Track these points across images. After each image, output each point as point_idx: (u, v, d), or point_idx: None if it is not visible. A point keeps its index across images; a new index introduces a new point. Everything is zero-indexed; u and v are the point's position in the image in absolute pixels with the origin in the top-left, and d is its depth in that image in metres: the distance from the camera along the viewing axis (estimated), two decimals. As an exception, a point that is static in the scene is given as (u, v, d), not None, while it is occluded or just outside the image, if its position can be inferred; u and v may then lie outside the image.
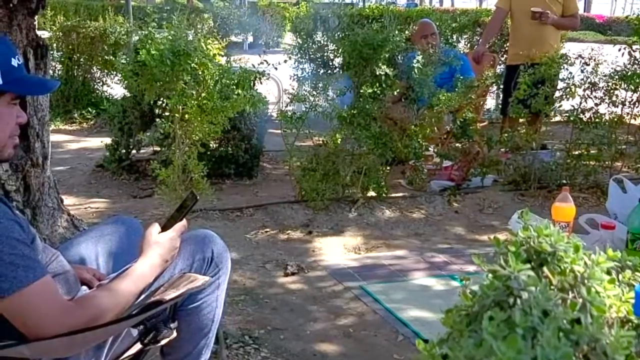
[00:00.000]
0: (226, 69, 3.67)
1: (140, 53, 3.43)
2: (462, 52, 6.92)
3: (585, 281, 0.93)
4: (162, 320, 1.62)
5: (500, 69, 6.88)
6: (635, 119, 4.92)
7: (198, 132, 3.74)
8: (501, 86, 6.87)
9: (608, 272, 1.01)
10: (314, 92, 4.18)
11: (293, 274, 3.32)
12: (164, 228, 1.76)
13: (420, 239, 3.93)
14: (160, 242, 1.72)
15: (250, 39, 16.91)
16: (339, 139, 4.17)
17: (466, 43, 7.14)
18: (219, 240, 1.86)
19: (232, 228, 3.89)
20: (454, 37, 7.13)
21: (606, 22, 24.77)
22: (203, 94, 3.66)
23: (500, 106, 6.22)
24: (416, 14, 7.14)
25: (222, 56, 4.14)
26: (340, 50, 4.13)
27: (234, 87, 3.77)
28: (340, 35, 4.88)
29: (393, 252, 3.70)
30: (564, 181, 4.63)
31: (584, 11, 29.67)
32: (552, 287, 0.93)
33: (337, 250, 3.72)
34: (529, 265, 0.93)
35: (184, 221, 1.78)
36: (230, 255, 1.91)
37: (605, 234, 3.46)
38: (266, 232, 3.88)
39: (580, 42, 21.29)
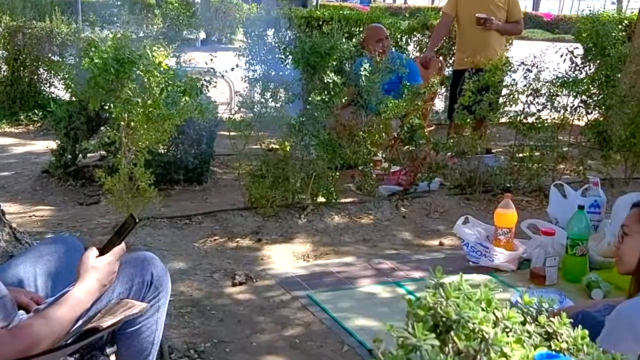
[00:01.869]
0: (172, 76, 3.63)
1: (83, 62, 3.37)
2: (411, 55, 7.02)
3: (490, 346, 0.95)
4: (98, 348, 1.62)
5: (448, 71, 7.00)
6: (579, 120, 5.08)
7: (144, 140, 3.70)
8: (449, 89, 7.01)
9: (523, 321, 1.04)
10: (263, 99, 4.19)
11: (241, 283, 3.33)
12: (102, 252, 1.76)
13: (368, 245, 3.98)
14: (98, 267, 1.71)
15: (203, 35, 16.77)
16: (288, 147, 4.19)
17: (415, 46, 7.23)
18: (158, 262, 1.86)
19: (180, 237, 3.87)
20: (404, 39, 7.20)
21: (554, 21, 25.34)
22: (149, 102, 3.63)
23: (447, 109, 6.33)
24: (366, 17, 7.19)
25: (172, 57, 4.10)
26: (289, 57, 4.12)
27: (181, 94, 3.74)
28: (291, 39, 4.90)
29: (341, 259, 3.74)
30: (508, 185, 4.75)
31: (533, 10, 30.30)
32: (458, 355, 0.96)
33: (286, 258, 3.74)
34: (433, 335, 0.95)
35: (123, 244, 1.77)
36: (173, 272, 1.91)
37: (545, 240, 3.59)
38: (215, 240, 3.88)
39: (529, 40, 21.79)
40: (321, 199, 4.40)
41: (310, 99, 4.15)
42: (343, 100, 4.19)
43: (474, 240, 3.63)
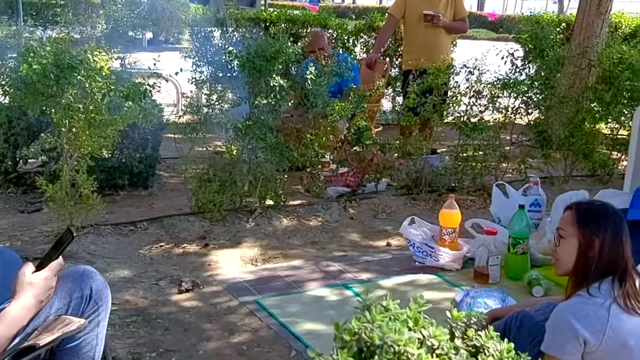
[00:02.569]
0: (114, 81, 3.58)
1: (21, 68, 3.29)
2: (359, 56, 7.08)
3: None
4: (36, 366, 1.59)
5: (395, 72, 7.09)
6: (521, 119, 5.20)
7: (87, 146, 3.64)
8: (397, 90, 7.10)
9: (451, 336, 1.06)
10: (209, 102, 4.16)
11: (187, 290, 3.30)
12: (39, 267, 1.72)
13: (317, 247, 4.00)
14: (35, 283, 1.68)
15: (150, 35, 16.51)
16: (234, 150, 4.17)
17: (362, 47, 7.28)
18: (98, 276, 1.83)
19: (125, 243, 3.81)
20: (351, 40, 7.25)
21: (498, 20, 25.88)
22: (91, 107, 3.56)
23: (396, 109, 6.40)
24: (313, 19, 7.21)
25: (116, 59, 4.03)
26: (234, 61, 4.10)
27: (124, 99, 3.69)
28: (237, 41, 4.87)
29: (289, 263, 3.74)
30: (453, 184, 4.84)
31: (478, 9, 30.89)
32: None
33: (233, 262, 3.73)
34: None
35: (60, 259, 1.74)
36: (118, 280, 1.89)
37: (488, 239, 3.67)
38: (161, 246, 3.83)
39: (474, 40, 22.19)
40: (269, 202, 4.40)
41: (256, 102, 4.14)
42: (290, 104, 4.19)
43: (420, 240, 3.69)
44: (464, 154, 4.93)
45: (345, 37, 7.20)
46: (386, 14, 6.35)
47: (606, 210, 2.14)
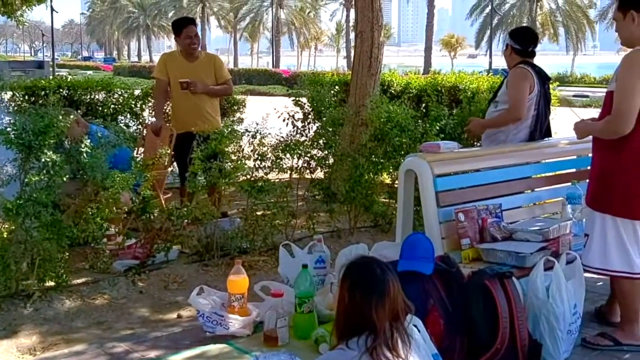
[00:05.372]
0: None
1: None
2: (147, 120, 6.98)
3: None
4: None
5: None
6: (309, 177, 5.44)
7: None
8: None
9: None
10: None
11: (-51, 396, 2.96)
12: None
13: (103, 328, 3.81)
14: None
15: None
16: (5, 233, 3.88)
17: (151, 111, 7.20)
18: None
19: None
20: (138, 105, 7.14)
21: (291, 77, 27.13)
22: None
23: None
24: (97, 83, 7.02)
25: None
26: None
27: None
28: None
29: (72, 348, 3.51)
30: (245, 246, 4.90)
31: (273, 67, 32.17)
32: None
33: (9, 355, 3.42)
34: None
35: None
36: None
37: (276, 301, 3.74)
38: None
39: (271, 96, 23.03)
40: (50, 284, 4.13)
41: (27, 179, 3.91)
42: (65, 179, 4.00)
43: (209, 309, 3.66)
44: (254, 215, 5.03)
45: (132, 103, 7.08)
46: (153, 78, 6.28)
47: (362, 268, 2.30)
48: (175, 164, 6.07)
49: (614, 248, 3.40)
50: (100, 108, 6.88)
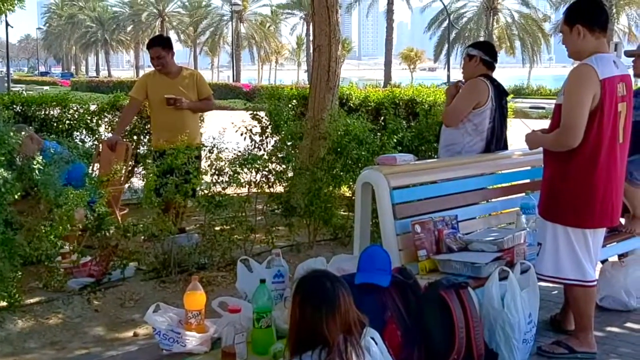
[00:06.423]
0: None
1: None
2: (103, 136, 6.90)
3: None
4: None
5: (143, 150, 7.00)
6: (267, 191, 5.41)
7: None
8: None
9: None
10: None
11: None
12: None
13: (56, 348, 3.72)
14: None
15: None
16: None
17: (107, 127, 7.11)
18: None
19: None
20: (94, 120, 7.05)
21: (252, 91, 27.12)
22: None
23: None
24: (51, 98, 6.90)
25: None
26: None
27: None
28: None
29: (23, 370, 3.43)
30: (203, 262, 4.85)
31: (233, 81, 32.13)
32: None
33: (-45, 380, 3.32)
34: None
35: None
36: None
37: (233, 317, 3.70)
38: None
39: (231, 110, 22.95)
40: (2, 304, 4.02)
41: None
42: (17, 197, 3.91)
43: (166, 327, 3.61)
44: (212, 230, 4.98)
45: (89, 118, 6.99)
46: (129, 96, 6.28)
47: (312, 282, 2.30)
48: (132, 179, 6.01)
49: (566, 256, 3.47)
50: (55, 124, 6.79)
